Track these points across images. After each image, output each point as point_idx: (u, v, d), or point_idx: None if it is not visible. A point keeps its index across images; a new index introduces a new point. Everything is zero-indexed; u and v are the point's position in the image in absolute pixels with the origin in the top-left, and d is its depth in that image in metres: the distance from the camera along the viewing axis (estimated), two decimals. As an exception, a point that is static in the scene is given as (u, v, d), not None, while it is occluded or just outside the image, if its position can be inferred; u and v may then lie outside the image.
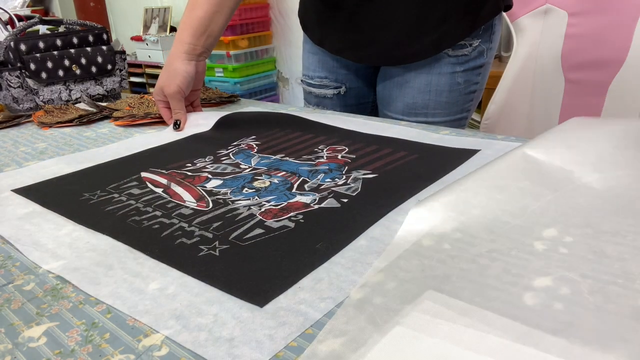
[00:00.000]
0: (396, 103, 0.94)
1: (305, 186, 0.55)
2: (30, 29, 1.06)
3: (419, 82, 0.90)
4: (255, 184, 0.56)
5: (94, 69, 1.08)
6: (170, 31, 3.85)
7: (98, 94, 1.10)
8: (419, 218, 0.44)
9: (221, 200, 0.52)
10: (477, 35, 0.85)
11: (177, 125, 0.81)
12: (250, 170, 0.61)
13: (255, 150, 0.68)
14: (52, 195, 0.56)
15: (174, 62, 0.82)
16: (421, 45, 0.86)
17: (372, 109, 1.06)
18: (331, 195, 0.52)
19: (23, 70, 0.99)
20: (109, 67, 1.10)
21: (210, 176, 0.59)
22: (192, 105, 0.91)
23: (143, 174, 0.61)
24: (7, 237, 0.47)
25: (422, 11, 0.83)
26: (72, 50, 1.05)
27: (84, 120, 0.89)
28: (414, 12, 0.83)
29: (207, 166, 0.63)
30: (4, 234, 0.47)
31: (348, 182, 0.55)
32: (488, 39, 0.86)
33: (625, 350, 0.28)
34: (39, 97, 1.02)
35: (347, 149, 0.66)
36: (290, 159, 0.64)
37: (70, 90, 1.06)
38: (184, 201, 0.53)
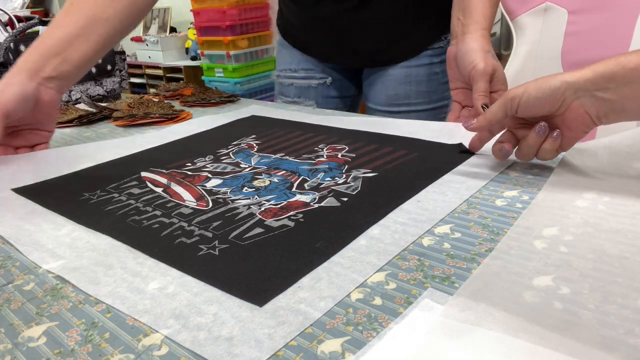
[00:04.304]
0: (380, 96, 1.01)
1: (305, 185, 0.55)
2: (29, 30, 1.06)
3: (400, 74, 0.98)
4: (255, 183, 0.56)
5: (93, 70, 1.08)
6: (170, 32, 3.85)
7: (98, 94, 1.10)
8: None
9: (221, 200, 0.52)
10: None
11: None
12: (250, 170, 0.61)
13: (255, 150, 0.68)
14: (52, 195, 0.56)
15: (7, 76, 0.66)
16: (402, 48, 0.95)
17: (352, 103, 1.12)
18: (331, 194, 0.52)
19: (23, 71, 0.99)
20: (109, 67, 1.11)
21: (210, 175, 0.59)
22: (32, 148, 0.72)
23: (143, 174, 0.61)
24: (7, 237, 0.47)
25: (400, 16, 0.91)
26: (72, 51, 1.05)
27: (84, 120, 0.89)
28: (392, 17, 0.91)
29: (207, 165, 0.63)
30: (4, 234, 0.47)
31: (348, 181, 0.55)
32: None
33: (625, 350, 0.28)
34: (39, 98, 1.01)
35: (347, 148, 0.66)
36: (290, 158, 0.64)
37: (70, 91, 1.06)
38: (184, 200, 0.53)
